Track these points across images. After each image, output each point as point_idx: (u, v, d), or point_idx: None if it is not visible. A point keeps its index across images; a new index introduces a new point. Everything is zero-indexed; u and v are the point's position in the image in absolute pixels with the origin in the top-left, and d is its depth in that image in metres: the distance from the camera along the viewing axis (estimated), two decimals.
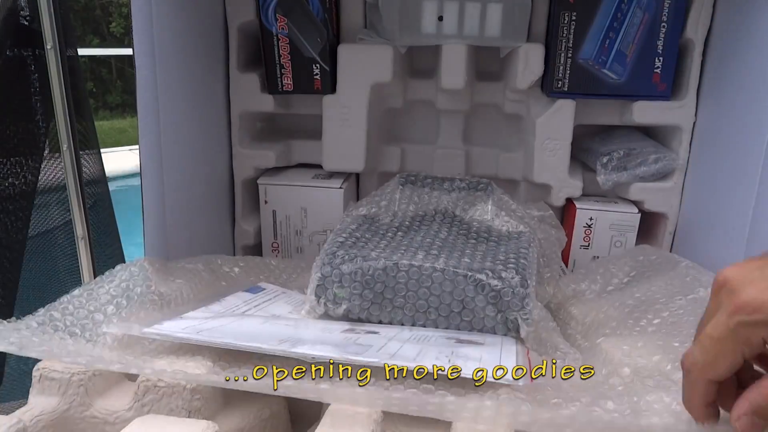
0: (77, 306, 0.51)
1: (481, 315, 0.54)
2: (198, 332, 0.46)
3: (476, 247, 0.61)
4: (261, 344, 0.44)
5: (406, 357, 0.44)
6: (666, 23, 0.74)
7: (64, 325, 0.48)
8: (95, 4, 7.07)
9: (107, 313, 0.51)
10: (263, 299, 0.62)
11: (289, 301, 0.62)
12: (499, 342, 0.51)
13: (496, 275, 0.54)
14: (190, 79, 0.72)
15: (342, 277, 0.56)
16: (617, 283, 0.68)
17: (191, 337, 0.45)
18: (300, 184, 0.82)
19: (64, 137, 0.70)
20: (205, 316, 0.53)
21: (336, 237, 0.61)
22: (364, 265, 0.55)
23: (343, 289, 0.56)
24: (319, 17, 0.77)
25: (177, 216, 0.70)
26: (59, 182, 0.79)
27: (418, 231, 0.64)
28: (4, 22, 0.70)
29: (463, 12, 0.76)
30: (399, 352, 0.45)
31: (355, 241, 0.60)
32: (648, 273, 0.67)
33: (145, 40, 0.62)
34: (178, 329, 0.47)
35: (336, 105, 0.81)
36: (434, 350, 0.46)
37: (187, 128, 0.72)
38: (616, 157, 0.78)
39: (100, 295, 0.53)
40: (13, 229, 0.75)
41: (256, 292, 0.63)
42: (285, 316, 0.57)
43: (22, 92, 0.74)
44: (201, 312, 0.54)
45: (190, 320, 0.50)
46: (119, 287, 0.55)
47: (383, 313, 0.56)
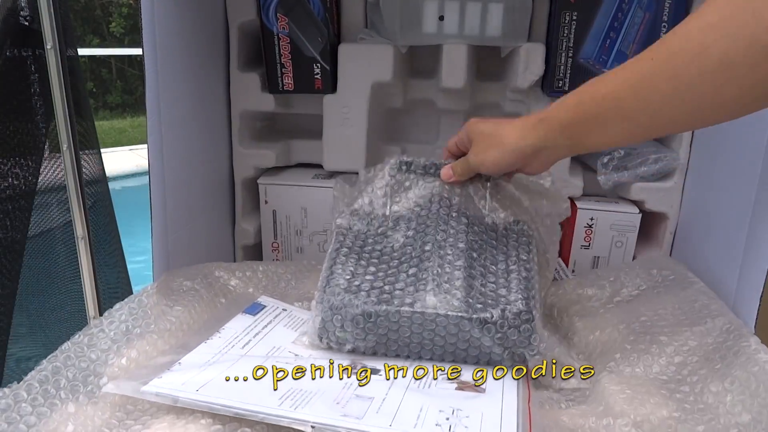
0: (78, 354, 0.51)
1: (487, 352, 0.53)
2: (197, 389, 0.47)
3: (478, 259, 0.58)
4: (260, 409, 0.44)
5: (405, 422, 0.44)
6: (666, 23, 0.74)
7: (66, 379, 0.49)
8: (95, 4, 7.07)
9: (108, 363, 0.51)
10: (263, 323, 0.62)
11: (290, 324, 0.62)
12: (500, 390, 0.50)
13: (500, 315, 0.52)
14: (190, 79, 0.72)
15: (344, 323, 0.54)
16: (626, 295, 0.67)
17: (189, 398, 0.46)
18: (300, 184, 0.82)
19: (64, 137, 0.70)
20: (205, 359, 0.53)
21: (333, 266, 0.59)
22: (366, 309, 0.53)
23: (345, 333, 0.54)
24: (319, 17, 0.77)
25: (178, 215, 0.70)
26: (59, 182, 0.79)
27: (415, 239, 0.60)
28: (4, 22, 0.70)
29: (464, 12, 0.76)
30: (399, 410, 0.45)
31: (353, 270, 0.58)
32: (658, 290, 0.66)
33: (148, 39, 0.62)
34: (178, 385, 0.47)
35: (336, 105, 0.80)
36: (435, 406, 0.46)
37: (187, 127, 0.72)
38: (616, 157, 0.78)
39: (100, 340, 0.54)
40: (13, 229, 0.75)
41: (256, 312, 0.63)
42: (285, 352, 0.57)
43: (22, 92, 0.74)
44: (201, 353, 0.54)
45: (189, 370, 0.50)
46: (119, 329, 0.56)
47: (388, 351, 0.55)
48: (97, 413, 0.46)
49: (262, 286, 0.70)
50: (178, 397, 0.46)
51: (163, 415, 0.46)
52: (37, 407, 0.45)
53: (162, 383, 0.48)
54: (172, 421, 0.45)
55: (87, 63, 6.45)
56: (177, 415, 0.46)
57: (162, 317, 0.58)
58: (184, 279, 0.66)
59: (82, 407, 0.46)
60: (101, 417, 0.46)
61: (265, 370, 0.50)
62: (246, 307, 0.64)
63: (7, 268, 0.75)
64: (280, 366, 0.51)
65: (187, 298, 0.62)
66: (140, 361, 0.52)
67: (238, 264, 0.74)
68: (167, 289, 0.63)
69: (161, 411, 0.47)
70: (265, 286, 0.71)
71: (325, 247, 0.83)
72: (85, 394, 0.48)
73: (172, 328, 0.57)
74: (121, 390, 0.48)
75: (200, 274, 0.68)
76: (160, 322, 0.57)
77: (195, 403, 0.45)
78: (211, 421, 0.45)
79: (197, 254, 0.75)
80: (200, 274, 0.68)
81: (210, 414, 0.45)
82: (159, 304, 0.60)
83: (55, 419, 0.44)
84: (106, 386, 0.48)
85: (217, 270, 0.70)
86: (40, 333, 0.87)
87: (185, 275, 0.67)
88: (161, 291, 0.62)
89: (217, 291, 0.67)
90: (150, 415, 0.46)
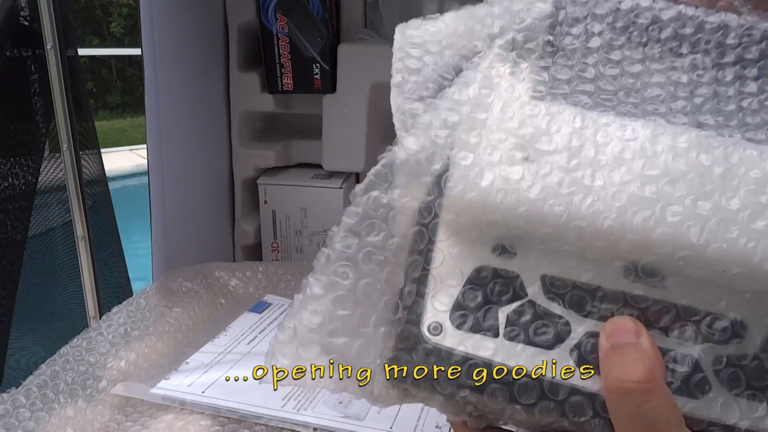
0: (77, 358, 0.51)
1: None
2: (203, 391, 0.48)
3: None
4: (264, 411, 0.45)
5: (406, 423, 0.44)
6: None
7: (65, 383, 0.49)
8: (95, 4, 7.08)
9: (107, 366, 0.51)
10: (269, 320, 0.62)
11: None
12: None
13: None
14: (190, 79, 0.72)
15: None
16: None
17: (195, 401, 0.47)
18: (300, 184, 0.82)
19: (64, 137, 0.70)
20: (210, 358, 0.53)
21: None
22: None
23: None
24: (319, 17, 0.77)
25: (178, 215, 0.70)
26: (59, 182, 0.79)
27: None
28: (4, 22, 0.70)
29: None
30: (400, 412, 0.46)
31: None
32: None
33: (147, 39, 0.62)
34: (184, 387, 0.48)
35: (336, 105, 0.80)
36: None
37: (187, 128, 0.72)
38: None
39: (99, 344, 0.54)
40: (13, 229, 0.75)
41: (262, 310, 0.63)
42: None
43: (22, 92, 0.74)
44: (206, 353, 0.55)
45: (195, 370, 0.51)
46: (117, 332, 0.56)
47: None
48: (96, 416, 0.46)
49: (262, 287, 0.70)
50: (185, 400, 0.47)
51: (162, 416, 0.46)
52: (35, 412, 0.45)
53: (169, 385, 0.48)
54: (170, 422, 0.45)
55: (87, 63, 6.45)
56: (176, 415, 0.46)
57: (161, 319, 0.58)
58: (184, 279, 0.66)
59: (80, 411, 0.46)
60: (100, 420, 0.46)
61: (265, 370, 0.50)
62: (249, 306, 0.64)
63: (7, 268, 0.75)
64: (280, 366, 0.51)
65: (187, 299, 0.62)
66: (139, 363, 0.53)
67: (238, 264, 0.74)
68: (167, 290, 0.63)
69: (160, 412, 0.47)
70: (265, 286, 0.71)
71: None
72: (84, 397, 0.48)
73: (171, 330, 0.57)
74: (129, 392, 0.48)
75: (200, 275, 0.68)
76: (159, 324, 0.57)
77: (201, 405, 0.46)
78: (210, 422, 0.45)
79: (197, 254, 0.75)
80: (200, 275, 0.68)
81: (209, 415, 0.46)
82: (158, 305, 0.60)
83: (54, 423, 0.45)
84: (115, 388, 0.48)
85: (216, 270, 0.70)
86: (40, 332, 0.87)
87: (185, 276, 0.67)
88: (161, 292, 0.62)
89: (217, 292, 0.67)
90: (149, 416, 0.46)
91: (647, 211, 0.23)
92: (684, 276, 0.23)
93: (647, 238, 0.23)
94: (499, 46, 0.27)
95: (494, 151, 0.24)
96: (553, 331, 0.24)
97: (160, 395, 0.47)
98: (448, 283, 0.24)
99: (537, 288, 0.24)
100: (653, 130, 0.24)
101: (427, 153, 0.25)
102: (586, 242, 0.23)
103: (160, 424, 0.45)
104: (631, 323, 0.23)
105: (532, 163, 0.24)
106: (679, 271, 0.23)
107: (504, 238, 0.24)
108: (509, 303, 0.24)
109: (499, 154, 0.24)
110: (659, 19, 0.27)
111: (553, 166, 0.24)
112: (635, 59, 0.26)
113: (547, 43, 0.27)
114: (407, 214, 0.25)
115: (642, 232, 0.23)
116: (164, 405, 0.47)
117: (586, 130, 0.24)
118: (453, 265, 0.25)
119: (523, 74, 0.26)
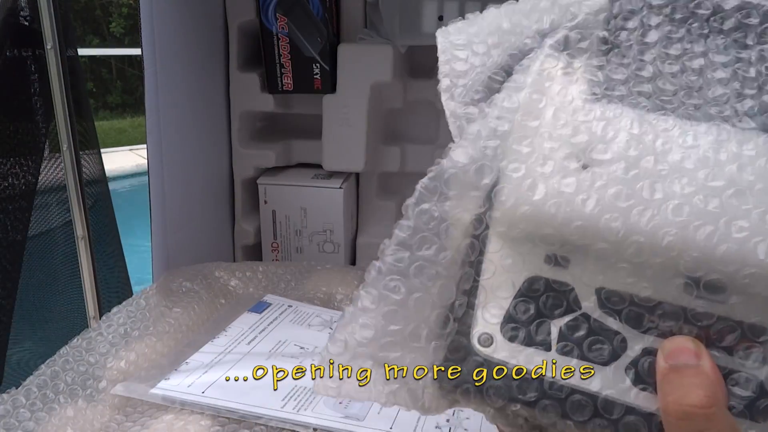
0: (77, 359, 0.52)
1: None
2: (203, 392, 0.48)
3: None
4: (264, 411, 0.45)
5: (406, 424, 0.44)
6: None
7: (65, 383, 0.49)
8: (95, 4, 7.07)
9: (107, 366, 0.52)
10: (270, 319, 0.62)
11: (296, 320, 0.62)
12: None
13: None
14: (190, 79, 0.72)
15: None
16: None
17: (195, 401, 0.47)
18: (300, 184, 0.82)
19: (64, 137, 0.70)
20: (210, 358, 0.53)
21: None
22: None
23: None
24: (319, 17, 0.77)
25: (177, 215, 0.70)
26: (59, 182, 0.79)
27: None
28: (4, 22, 0.70)
29: (463, 12, 0.76)
30: (400, 412, 0.45)
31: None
32: None
33: (147, 39, 0.62)
34: (184, 387, 0.48)
35: (336, 105, 0.80)
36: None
37: (187, 128, 0.72)
38: None
39: (99, 344, 0.54)
40: (13, 229, 0.75)
41: (262, 310, 0.63)
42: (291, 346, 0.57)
43: (22, 92, 0.74)
44: (206, 353, 0.55)
45: (195, 370, 0.51)
46: (117, 333, 0.56)
47: None
48: (96, 416, 0.46)
49: (262, 287, 0.70)
50: (184, 400, 0.47)
51: (162, 416, 0.46)
52: (35, 412, 0.45)
53: (169, 385, 0.48)
54: (170, 422, 0.45)
55: (87, 63, 6.45)
56: (176, 415, 0.46)
57: (161, 319, 0.58)
58: (184, 280, 0.66)
59: (80, 411, 0.46)
60: (100, 420, 0.46)
61: (265, 370, 0.50)
62: (249, 306, 0.64)
63: (7, 268, 0.75)
64: (280, 366, 0.51)
65: (187, 299, 0.62)
66: (139, 363, 0.53)
67: (238, 264, 0.74)
68: (167, 290, 0.63)
69: (160, 412, 0.47)
70: (265, 286, 0.71)
71: (324, 247, 0.84)
72: (84, 398, 0.48)
73: (171, 330, 0.58)
74: (129, 392, 0.48)
75: (200, 275, 0.68)
76: (159, 324, 0.58)
77: (201, 405, 0.46)
78: (210, 422, 0.45)
79: (197, 254, 0.75)
80: (200, 275, 0.68)
81: (209, 415, 0.46)
82: (158, 305, 0.60)
83: (54, 424, 0.45)
84: (115, 388, 0.48)
85: (216, 270, 0.70)
86: (40, 332, 0.87)
87: (185, 276, 0.67)
88: (161, 292, 0.62)
89: (217, 292, 0.67)
90: (149, 416, 0.46)
91: (710, 227, 0.21)
92: (750, 294, 0.21)
93: (710, 255, 0.21)
94: (549, 45, 0.25)
95: (547, 162, 0.23)
96: (609, 347, 0.24)
97: (160, 395, 0.47)
98: (499, 295, 0.24)
99: (592, 301, 0.23)
100: (717, 136, 0.23)
101: (477, 165, 0.24)
102: (645, 258, 0.22)
103: (160, 424, 0.45)
104: (691, 344, 0.22)
105: (587, 174, 0.23)
106: (745, 288, 0.21)
107: (558, 248, 0.23)
108: (562, 316, 0.23)
109: (552, 164, 0.23)
110: (721, 9, 0.25)
111: (610, 176, 0.22)
112: (696, 53, 0.25)
113: (602, 39, 0.25)
114: (459, 227, 0.24)
115: (705, 249, 0.21)
116: (164, 405, 0.47)
117: (644, 136, 0.23)
118: (504, 276, 0.24)
119: (576, 75, 0.25)
